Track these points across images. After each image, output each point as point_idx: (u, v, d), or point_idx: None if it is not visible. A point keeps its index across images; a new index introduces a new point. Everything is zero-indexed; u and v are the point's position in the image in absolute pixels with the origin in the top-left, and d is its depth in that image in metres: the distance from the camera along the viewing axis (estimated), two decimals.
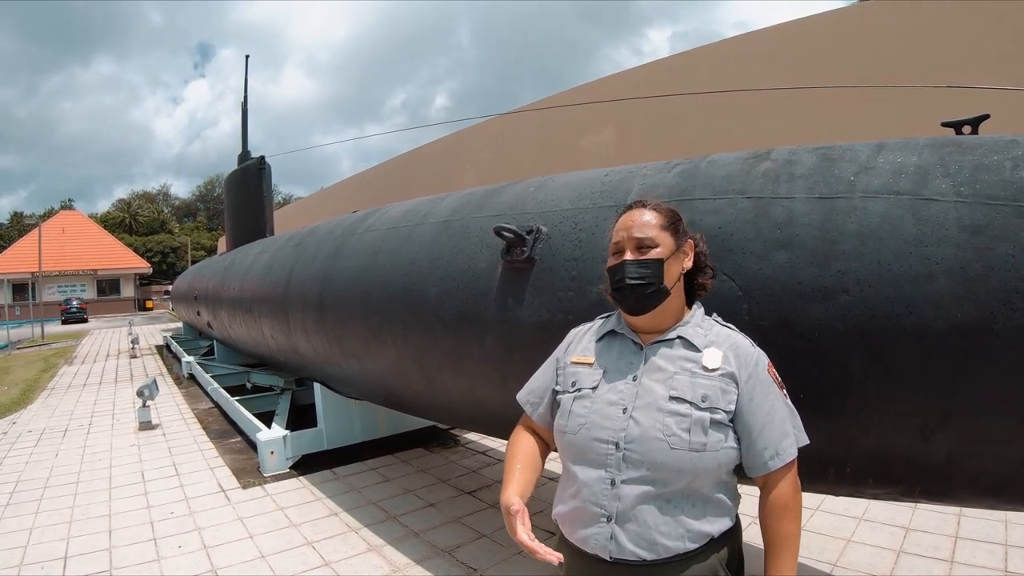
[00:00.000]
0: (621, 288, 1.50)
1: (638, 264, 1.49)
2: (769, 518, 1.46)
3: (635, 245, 1.51)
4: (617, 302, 1.56)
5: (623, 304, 1.53)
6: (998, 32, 6.31)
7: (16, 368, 13.74)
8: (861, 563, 3.35)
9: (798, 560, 1.45)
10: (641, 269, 1.48)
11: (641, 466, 1.39)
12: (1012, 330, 1.59)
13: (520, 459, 1.64)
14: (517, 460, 1.63)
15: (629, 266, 1.49)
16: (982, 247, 1.64)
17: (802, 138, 5.45)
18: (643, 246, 1.51)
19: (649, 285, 1.48)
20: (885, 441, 1.84)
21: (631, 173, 2.62)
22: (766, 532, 1.47)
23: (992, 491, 1.84)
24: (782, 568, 1.42)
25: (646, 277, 1.47)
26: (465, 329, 2.98)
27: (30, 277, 32.58)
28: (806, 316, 1.85)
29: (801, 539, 1.47)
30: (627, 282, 1.48)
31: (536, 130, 12.57)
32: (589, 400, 1.51)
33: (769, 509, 1.46)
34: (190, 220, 69.37)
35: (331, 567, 3.55)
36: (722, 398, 1.42)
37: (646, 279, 1.47)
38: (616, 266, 1.52)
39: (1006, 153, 1.76)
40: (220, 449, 6.22)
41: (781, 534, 1.44)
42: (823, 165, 2.03)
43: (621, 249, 1.54)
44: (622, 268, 1.50)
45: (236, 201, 11.27)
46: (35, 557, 3.80)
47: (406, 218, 3.97)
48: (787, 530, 1.43)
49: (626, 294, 1.50)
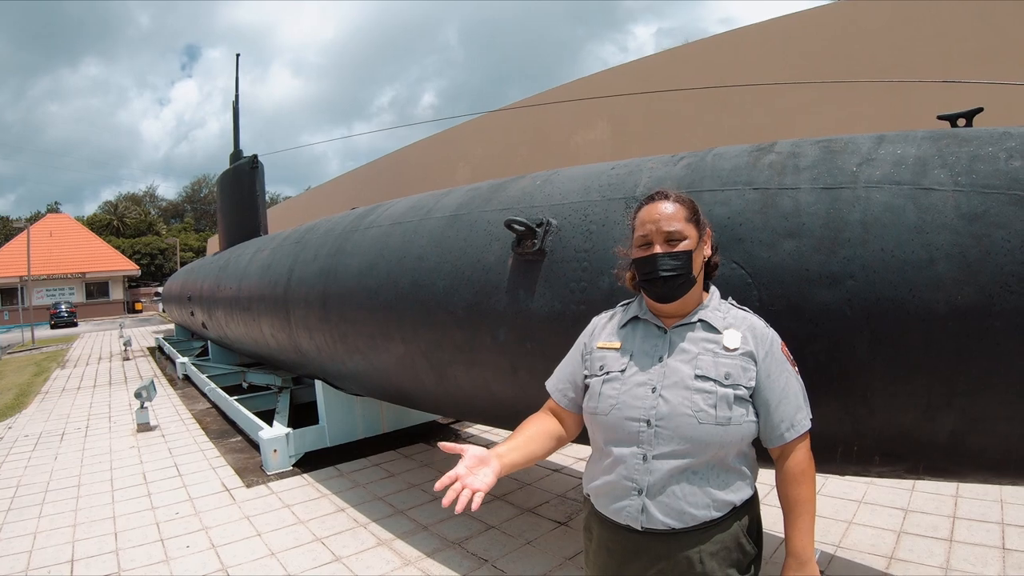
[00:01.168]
0: (653, 280, 1.56)
1: (670, 256, 1.55)
2: (786, 486, 1.56)
3: (664, 238, 1.57)
4: (646, 291, 1.62)
5: (653, 293, 1.59)
6: (989, 26, 6.43)
7: (8, 373, 13.62)
8: (864, 544, 3.45)
9: (813, 524, 1.55)
10: (673, 261, 1.55)
11: (672, 441, 1.48)
12: (1010, 311, 1.67)
13: (525, 432, 1.68)
14: (520, 432, 1.68)
15: (662, 259, 1.55)
16: (980, 233, 1.73)
17: (795, 132, 5.53)
18: (672, 239, 1.57)
19: (680, 276, 1.55)
20: (891, 420, 1.92)
21: (638, 166, 2.69)
22: (784, 500, 1.56)
23: (994, 467, 1.93)
24: (801, 530, 1.52)
25: (677, 269, 1.55)
26: (477, 322, 3.03)
27: (18, 281, 32.16)
28: (814, 301, 1.93)
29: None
30: (660, 274, 1.55)
31: (528, 127, 12.61)
32: (618, 382, 1.58)
33: (785, 477, 1.56)
34: (177, 221, 68.80)
35: (342, 563, 3.59)
36: (743, 375, 1.51)
37: (677, 271, 1.55)
38: (647, 258, 1.58)
39: (1000, 144, 1.85)
40: (221, 449, 6.23)
41: (799, 499, 1.53)
42: (826, 157, 2.10)
43: (649, 242, 1.59)
44: (654, 260, 1.56)
45: (230, 200, 11.23)
46: (41, 561, 3.79)
47: (410, 213, 4.01)
48: (804, 495, 1.53)
49: (658, 285, 1.56)
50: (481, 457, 1.47)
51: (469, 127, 14.85)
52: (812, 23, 7.97)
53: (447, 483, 1.39)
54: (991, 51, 6.32)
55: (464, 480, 1.40)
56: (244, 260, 7.49)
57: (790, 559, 1.53)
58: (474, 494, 1.37)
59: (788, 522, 1.55)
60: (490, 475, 1.44)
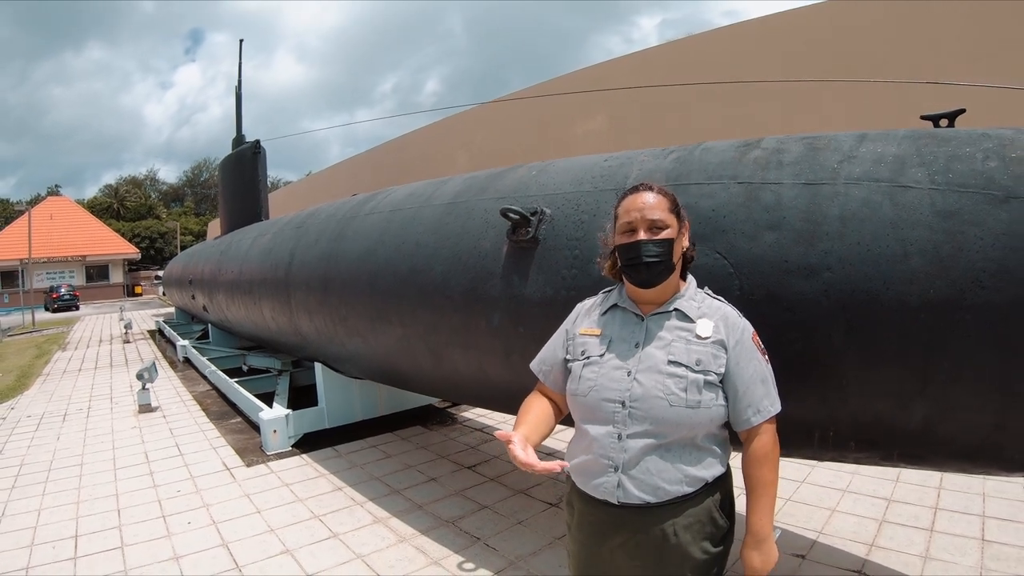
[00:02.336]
0: (636, 265, 1.65)
1: (654, 243, 1.63)
2: (750, 467, 1.65)
3: (648, 226, 1.65)
4: (628, 277, 1.70)
5: (635, 278, 1.67)
6: (979, 27, 6.47)
7: (9, 355, 13.70)
8: (845, 531, 3.54)
9: (776, 504, 1.65)
10: (656, 248, 1.63)
11: (644, 421, 1.57)
12: (980, 306, 1.76)
13: (531, 413, 1.79)
14: (527, 414, 1.79)
15: (646, 245, 1.63)
16: (953, 230, 1.81)
17: (789, 126, 5.59)
18: (656, 227, 1.65)
19: (662, 262, 1.64)
20: (865, 407, 2.01)
21: (629, 159, 2.77)
22: (747, 480, 1.66)
23: (967, 455, 2.01)
24: (761, 509, 1.62)
25: (660, 255, 1.63)
26: (472, 306, 3.13)
27: (18, 264, 32.10)
28: (792, 292, 2.02)
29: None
30: (644, 260, 1.63)
31: (529, 116, 12.63)
32: (597, 366, 1.68)
33: (750, 459, 1.65)
34: (177, 205, 68.70)
35: (339, 539, 3.70)
36: (713, 362, 1.60)
37: (660, 257, 1.63)
38: (631, 244, 1.66)
39: (978, 145, 1.93)
40: (221, 429, 6.33)
41: (761, 480, 1.63)
42: (809, 153, 2.18)
43: (634, 228, 1.67)
44: (638, 247, 1.64)
45: (232, 185, 11.26)
46: (46, 537, 3.87)
47: (409, 200, 4.09)
48: (766, 477, 1.63)
49: (641, 271, 1.65)
50: (519, 440, 1.54)
51: (469, 116, 14.86)
52: (811, 19, 8.00)
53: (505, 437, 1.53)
54: (994, 50, 6.37)
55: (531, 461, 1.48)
56: (246, 244, 7.56)
57: (749, 536, 1.63)
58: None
59: (750, 501, 1.65)
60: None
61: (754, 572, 1.60)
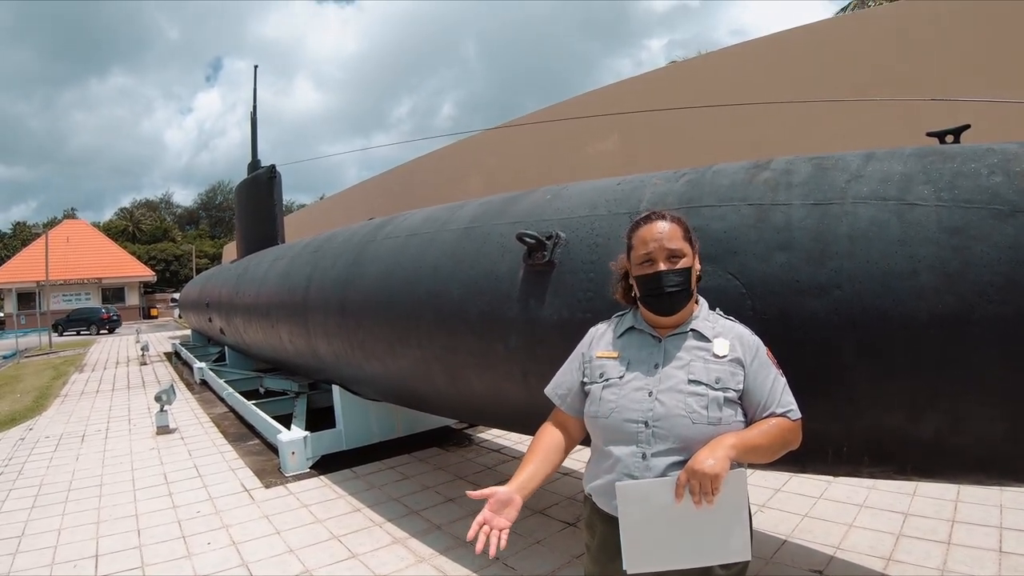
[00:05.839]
0: (659, 296, 1.70)
1: (675, 273, 1.70)
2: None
3: (667, 255, 1.71)
4: (649, 307, 1.75)
5: (656, 308, 1.73)
6: (985, 42, 6.53)
7: (27, 376, 13.88)
8: (863, 545, 3.54)
9: (748, 442, 1.59)
10: (677, 277, 1.70)
11: (668, 439, 1.62)
12: (988, 319, 1.80)
13: (536, 454, 1.83)
14: (532, 454, 1.83)
15: (667, 276, 1.69)
16: (960, 246, 1.86)
17: (799, 143, 5.64)
18: (674, 256, 1.71)
19: (683, 291, 1.70)
20: (878, 422, 2.05)
21: (642, 182, 2.84)
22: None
23: (980, 467, 2.04)
24: (739, 433, 1.60)
25: (680, 284, 1.70)
26: (489, 329, 3.19)
27: (35, 286, 32.56)
28: (804, 310, 2.07)
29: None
30: (666, 291, 1.69)
31: (541, 139, 12.76)
32: (617, 387, 1.72)
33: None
34: (192, 228, 69.61)
35: (359, 559, 3.73)
36: (732, 379, 1.65)
37: (680, 286, 1.70)
38: (652, 275, 1.71)
39: (983, 160, 1.98)
40: (239, 451, 6.39)
41: (758, 427, 1.64)
42: (817, 174, 2.25)
43: (652, 259, 1.72)
44: (659, 278, 1.70)
45: (248, 209, 11.45)
46: (66, 556, 3.92)
47: (426, 225, 4.18)
48: (766, 429, 1.63)
49: (664, 301, 1.71)
50: (503, 500, 1.63)
51: (483, 139, 15.03)
52: (818, 36, 8.09)
53: (476, 530, 1.58)
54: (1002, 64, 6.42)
55: (490, 522, 1.59)
56: (263, 268, 7.68)
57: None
58: (501, 533, 1.58)
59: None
60: (513, 512, 1.64)
61: (697, 463, 1.51)
